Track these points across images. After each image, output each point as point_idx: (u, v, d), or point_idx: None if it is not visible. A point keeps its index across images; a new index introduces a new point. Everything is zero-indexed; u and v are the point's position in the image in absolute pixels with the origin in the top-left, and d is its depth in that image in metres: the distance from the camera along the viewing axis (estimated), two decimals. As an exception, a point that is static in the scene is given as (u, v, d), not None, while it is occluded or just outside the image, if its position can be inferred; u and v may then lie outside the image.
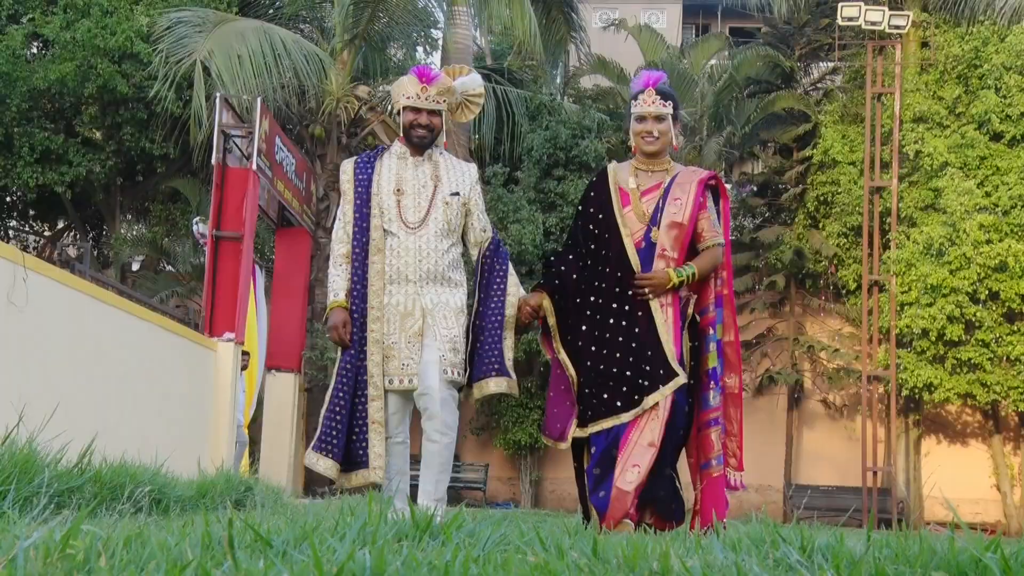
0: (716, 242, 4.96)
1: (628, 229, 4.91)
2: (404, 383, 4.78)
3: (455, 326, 4.80)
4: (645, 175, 5.02)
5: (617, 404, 4.71)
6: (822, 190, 21.28)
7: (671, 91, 5.08)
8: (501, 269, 4.98)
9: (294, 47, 16.61)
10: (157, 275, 21.41)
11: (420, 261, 4.83)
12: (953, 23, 20.48)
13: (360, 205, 4.91)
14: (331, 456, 4.76)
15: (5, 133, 17.85)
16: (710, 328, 4.95)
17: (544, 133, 20.08)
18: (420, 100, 4.92)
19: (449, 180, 4.98)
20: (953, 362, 18.87)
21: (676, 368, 4.69)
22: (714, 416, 4.89)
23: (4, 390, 6.56)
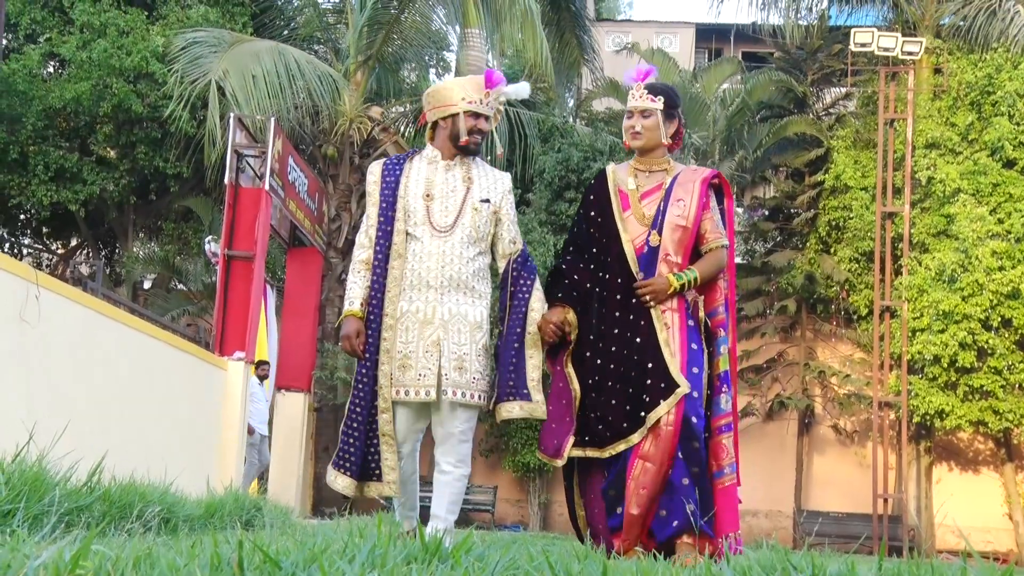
0: (720, 244, 4.77)
1: (628, 234, 4.73)
2: (420, 395, 4.54)
3: (467, 343, 4.59)
4: (644, 176, 4.85)
5: (624, 425, 4.51)
6: (834, 215, 21.26)
7: (664, 86, 4.89)
8: (526, 283, 4.75)
9: (308, 67, 16.67)
10: (169, 293, 21.45)
11: (443, 267, 4.62)
12: (966, 50, 20.49)
13: (385, 208, 4.74)
14: (348, 473, 4.62)
15: (20, 151, 17.95)
16: (720, 330, 4.79)
17: (556, 155, 20.10)
18: (482, 105, 4.77)
19: (481, 186, 4.80)
20: (965, 389, 18.79)
21: (678, 378, 4.47)
22: (726, 422, 4.69)
23: (15, 407, 6.56)
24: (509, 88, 4.88)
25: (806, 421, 21.91)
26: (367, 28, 17.37)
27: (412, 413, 4.63)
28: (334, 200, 18.16)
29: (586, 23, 21.56)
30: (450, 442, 4.58)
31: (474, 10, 17.26)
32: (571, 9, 20.75)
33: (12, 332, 6.64)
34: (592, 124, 22.74)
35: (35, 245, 23.48)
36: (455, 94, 4.77)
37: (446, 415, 4.58)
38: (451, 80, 4.96)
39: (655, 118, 4.78)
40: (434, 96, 4.86)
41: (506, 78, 4.95)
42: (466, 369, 4.56)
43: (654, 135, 4.78)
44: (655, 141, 4.79)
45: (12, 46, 18.21)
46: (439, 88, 4.88)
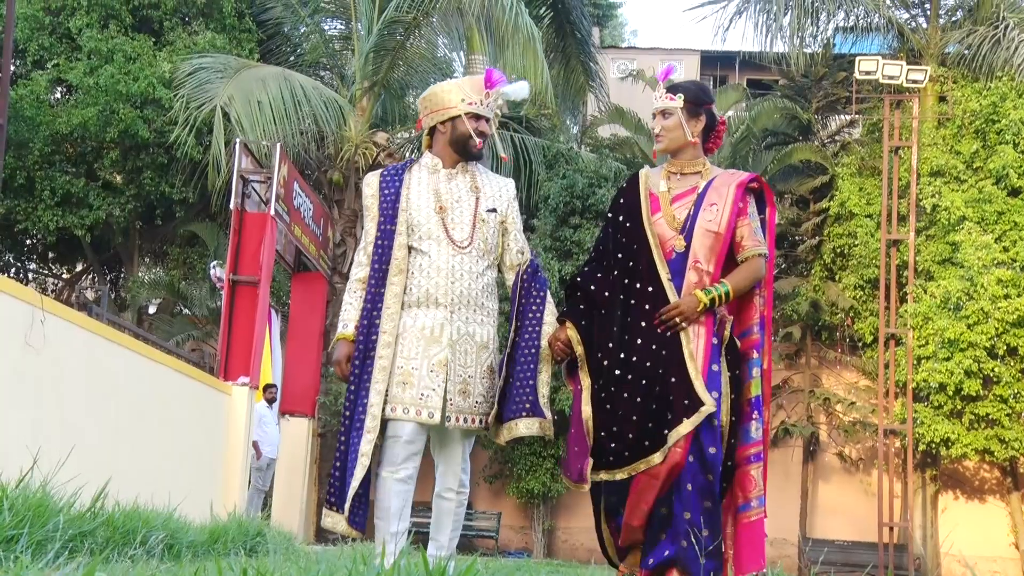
0: (757, 252, 4.39)
1: (657, 239, 4.38)
2: (422, 415, 4.27)
3: (472, 364, 4.36)
4: (677, 178, 4.50)
5: (645, 444, 4.19)
6: (839, 242, 21.26)
7: (686, 83, 4.58)
8: (539, 296, 4.50)
9: (314, 93, 16.74)
10: (173, 318, 21.46)
11: (453, 283, 4.36)
12: (971, 78, 20.53)
13: (384, 222, 4.44)
14: (336, 509, 4.35)
15: (27, 177, 18.00)
16: (753, 351, 4.41)
17: (561, 182, 20.14)
18: (483, 107, 4.50)
19: (487, 195, 4.53)
20: (971, 417, 18.74)
21: (703, 395, 4.15)
22: (755, 451, 4.34)
23: (20, 431, 6.56)
24: (509, 88, 4.62)
25: (811, 448, 21.83)
26: (373, 54, 17.45)
27: (414, 431, 4.32)
28: (339, 225, 18.19)
29: (591, 50, 21.63)
30: (452, 469, 4.41)
31: (478, 37, 17.35)
32: (576, 36, 20.84)
33: (17, 356, 6.64)
34: (597, 150, 22.79)
35: (41, 270, 23.51)
36: (454, 96, 4.50)
37: (449, 441, 4.40)
38: (449, 82, 4.64)
39: (675, 117, 4.46)
40: (431, 99, 4.57)
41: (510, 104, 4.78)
42: (470, 393, 4.35)
43: (676, 135, 4.46)
44: (678, 141, 4.46)
45: (20, 72, 18.29)
46: (436, 90, 4.59)
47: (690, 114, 4.47)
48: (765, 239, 4.46)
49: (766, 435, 4.42)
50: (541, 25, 19.94)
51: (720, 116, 4.62)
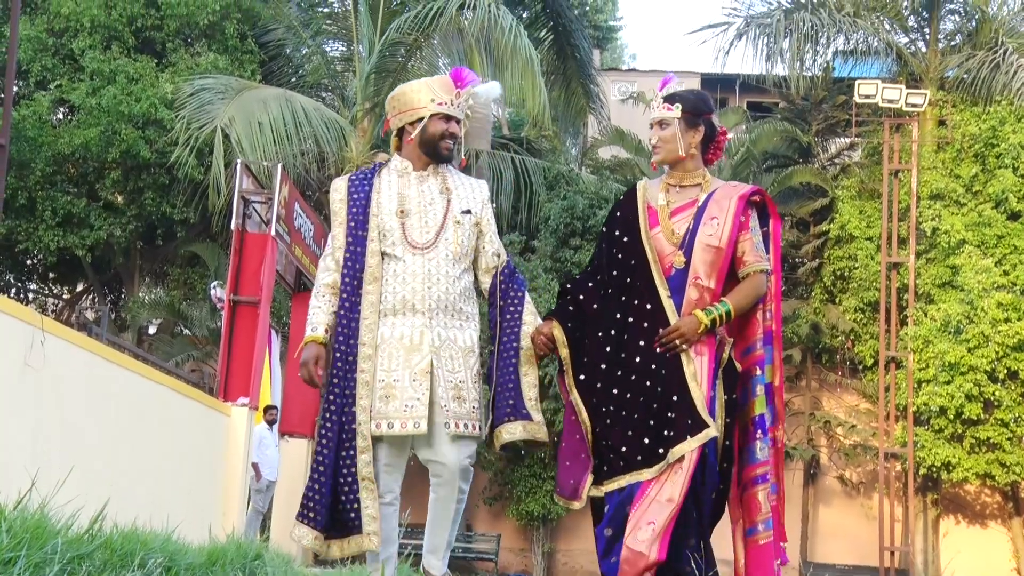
0: (759, 268, 4.25)
1: (656, 254, 4.23)
2: (407, 427, 4.09)
3: (461, 369, 4.20)
4: (676, 191, 4.34)
5: (638, 458, 4.04)
6: (839, 265, 21.29)
7: (684, 93, 4.41)
8: (516, 296, 4.35)
9: (315, 114, 16.79)
10: (173, 339, 21.45)
11: (429, 288, 4.20)
12: (970, 102, 20.60)
13: (354, 227, 4.28)
14: (313, 525, 4.15)
15: (29, 197, 18.03)
16: (757, 368, 4.25)
17: (561, 203, 20.18)
18: (453, 107, 4.33)
19: (460, 196, 4.36)
20: (971, 441, 18.71)
21: (706, 418, 3.99)
22: (762, 472, 4.17)
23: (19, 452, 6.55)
24: (480, 88, 4.42)
25: (812, 472, 21.80)
26: (374, 75, 17.50)
27: (394, 449, 4.19)
28: (340, 246, 18.20)
29: (592, 72, 21.70)
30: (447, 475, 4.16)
31: (478, 58, 17.40)
32: (576, 58, 20.90)
33: (17, 377, 6.63)
34: (598, 172, 22.83)
35: (41, 290, 23.52)
36: (423, 96, 4.32)
37: (443, 447, 4.16)
38: (418, 81, 4.43)
39: (672, 128, 4.31)
40: (399, 99, 4.39)
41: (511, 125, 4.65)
42: (464, 399, 4.17)
43: (674, 146, 4.31)
44: (675, 153, 4.31)
45: (23, 93, 18.35)
46: (404, 90, 4.41)
47: (688, 124, 4.33)
48: (768, 253, 4.33)
49: (780, 454, 4.28)
50: (542, 48, 20.02)
51: (721, 127, 4.50)
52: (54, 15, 18.09)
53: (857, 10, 21.23)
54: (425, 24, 16.58)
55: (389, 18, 17.43)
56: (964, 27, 22.01)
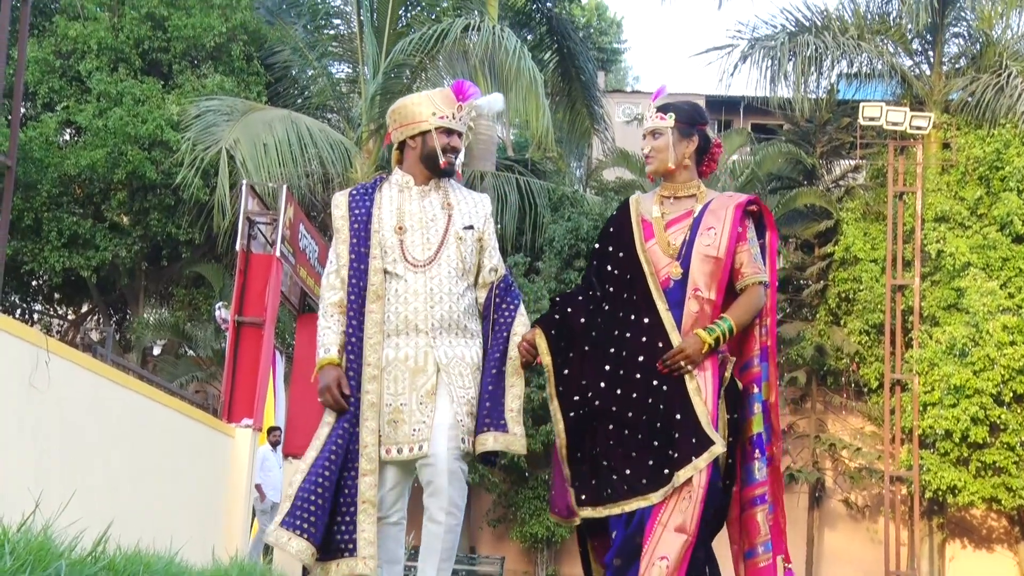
0: (757, 280, 4.13)
1: (652, 267, 4.13)
2: (415, 451, 4.01)
3: (472, 386, 4.10)
4: (670, 203, 4.25)
5: (643, 481, 3.90)
6: (843, 287, 21.27)
7: (678, 103, 4.34)
8: (509, 308, 4.24)
9: (320, 135, 16.83)
10: (178, 359, 21.45)
11: (432, 307, 4.10)
12: (974, 125, 20.63)
13: (357, 244, 4.18)
14: (307, 537, 3.92)
15: (35, 218, 18.05)
16: (754, 386, 4.15)
17: (566, 224, 20.19)
18: (455, 120, 4.23)
19: (462, 212, 4.26)
20: (977, 465, 18.65)
21: (712, 435, 3.86)
22: (760, 493, 4.07)
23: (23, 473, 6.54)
24: (482, 100, 4.33)
25: (817, 495, 21.73)
26: (379, 97, 17.55)
27: (401, 471, 4.12)
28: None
29: (597, 94, 21.77)
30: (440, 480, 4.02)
31: (482, 80, 17.45)
32: (581, 80, 20.97)
33: (21, 398, 6.63)
34: (602, 193, 22.87)
35: (46, 311, 23.53)
36: (424, 109, 4.22)
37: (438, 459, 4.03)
38: (419, 94, 4.35)
39: (665, 138, 4.21)
40: (400, 112, 4.30)
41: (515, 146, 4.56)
42: (475, 414, 4.09)
43: (666, 156, 4.21)
44: (667, 163, 4.21)
45: (29, 114, 18.41)
46: (406, 103, 4.31)
47: (682, 135, 4.24)
48: (765, 265, 4.22)
49: (777, 471, 4.15)
50: (546, 70, 20.09)
51: (715, 139, 4.41)
52: (61, 37, 18.17)
53: (861, 33, 21.30)
54: (429, 46, 16.64)
55: (394, 40, 17.51)
56: (968, 50, 22.08)
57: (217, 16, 18.52)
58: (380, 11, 18.12)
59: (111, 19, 18.49)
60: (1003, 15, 21.49)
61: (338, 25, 20.50)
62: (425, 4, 19.25)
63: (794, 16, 21.94)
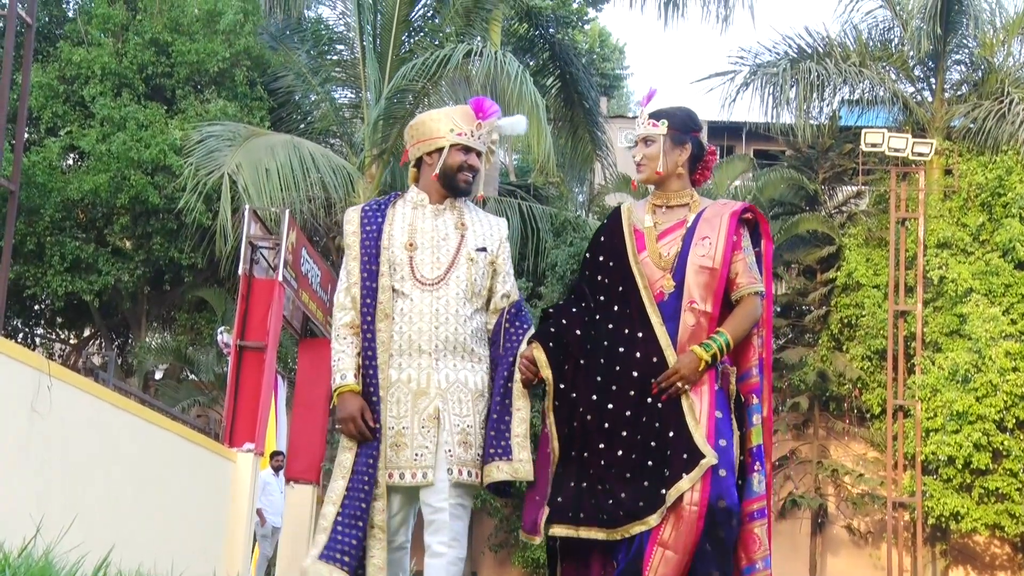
0: (753, 290, 4.02)
1: (645, 280, 4.00)
2: (418, 478, 3.94)
3: (470, 413, 3.99)
4: (663, 212, 4.13)
5: (640, 504, 3.78)
6: (846, 312, 21.26)
7: (670, 109, 4.21)
8: (518, 332, 4.12)
9: (322, 160, 16.86)
10: (180, 384, 21.44)
11: (437, 328, 4.00)
12: (976, 152, 20.67)
13: (367, 262, 4.08)
14: (347, 570, 3.89)
15: (37, 242, 18.08)
16: (754, 397, 4.05)
17: (568, 249, 20.22)
18: (473, 138, 4.12)
19: (476, 233, 4.16)
20: (980, 491, 18.60)
21: (703, 448, 3.75)
22: (758, 507, 3.96)
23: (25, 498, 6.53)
24: (504, 121, 4.23)
25: (819, 521, 21.65)
26: (382, 122, 17.60)
27: (405, 498, 4.03)
28: (347, 292, 18.21)
29: (599, 120, 21.80)
30: (441, 517, 3.96)
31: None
32: (584, 106, 21.01)
33: (23, 422, 6.63)
34: (605, 218, 22.90)
35: (48, 335, 23.54)
36: (442, 125, 4.13)
37: (440, 491, 3.97)
38: (438, 110, 4.28)
39: (657, 145, 4.10)
40: (418, 128, 4.21)
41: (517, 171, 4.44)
42: (471, 444, 3.97)
43: (658, 165, 4.09)
44: (661, 170, 4.10)
45: (33, 139, 18.46)
46: (424, 119, 4.23)
47: (674, 142, 4.12)
48: (761, 275, 4.10)
49: (769, 489, 4.04)
50: (549, 96, 20.13)
51: (709, 146, 4.29)
52: (65, 63, 18.25)
53: (863, 60, 21.36)
54: (432, 71, 16.67)
55: (397, 65, 17.56)
56: (970, 77, 22.15)
57: (221, 42, 18.61)
58: (383, 37, 18.18)
59: (115, 45, 18.57)
60: (1004, 42, 21.58)
61: (341, 51, 20.57)
62: (428, 30, 19.31)
63: (796, 43, 22.01)
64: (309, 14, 21.28)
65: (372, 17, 18.43)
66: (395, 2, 17.79)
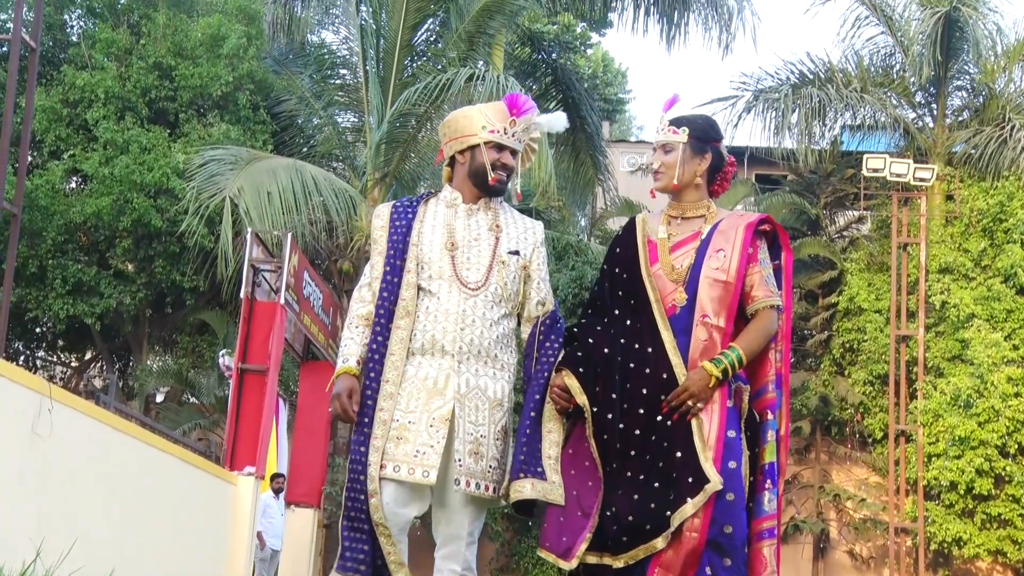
0: (769, 303, 3.89)
1: (657, 292, 3.89)
2: (415, 474, 3.76)
3: (485, 423, 3.86)
4: (677, 223, 4.02)
5: (647, 528, 3.66)
6: (848, 337, 21.26)
7: (692, 116, 4.08)
8: (552, 347, 3.96)
9: (324, 184, 16.89)
10: (181, 407, 21.43)
11: (463, 329, 3.88)
12: (978, 178, 20.71)
13: (392, 256, 3.97)
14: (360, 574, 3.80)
15: (40, 265, 18.10)
16: (768, 413, 3.90)
17: (570, 273, 20.25)
18: (507, 136, 4.00)
19: (509, 235, 4.05)
20: (983, 517, 18.54)
21: (709, 472, 3.64)
22: (769, 526, 3.84)
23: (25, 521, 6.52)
24: (542, 118, 4.12)
25: (821, 545, 21.58)
26: (384, 146, 17.66)
27: (400, 496, 3.83)
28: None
29: (601, 144, 21.86)
30: (456, 544, 3.87)
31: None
32: (586, 130, 21.07)
33: (24, 445, 6.63)
34: (606, 242, 22.92)
35: (49, 358, 23.54)
36: (475, 122, 4.01)
37: (455, 510, 3.88)
38: (472, 107, 4.13)
39: (676, 153, 3.99)
40: (451, 126, 4.10)
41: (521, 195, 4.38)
42: (482, 455, 3.84)
43: (677, 174, 3.99)
44: (680, 179, 4.00)
45: (36, 162, 18.52)
46: (457, 116, 4.11)
47: (695, 151, 4.01)
48: (779, 288, 3.97)
49: (780, 508, 3.91)
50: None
51: (729, 157, 4.16)
52: (69, 86, 18.32)
53: (864, 86, 21.42)
54: (434, 95, 16.73)
55: (399, 90, 17.62)
56: (971, 103, 22.20)
57: (224, 66, 18.68)
58: (386, 61, 18.26)
59: (118, 69, 18.64)
60: (1005, 69, 21.62)
61: (344, 75, 20.65)
62: (430, 54, 19.39)
63: (798, 68, 22.07)
64: (312, 39, 21.38)
65: (375, 42, 18.52)
66: (398, 27, 17.89)
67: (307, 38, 20.88)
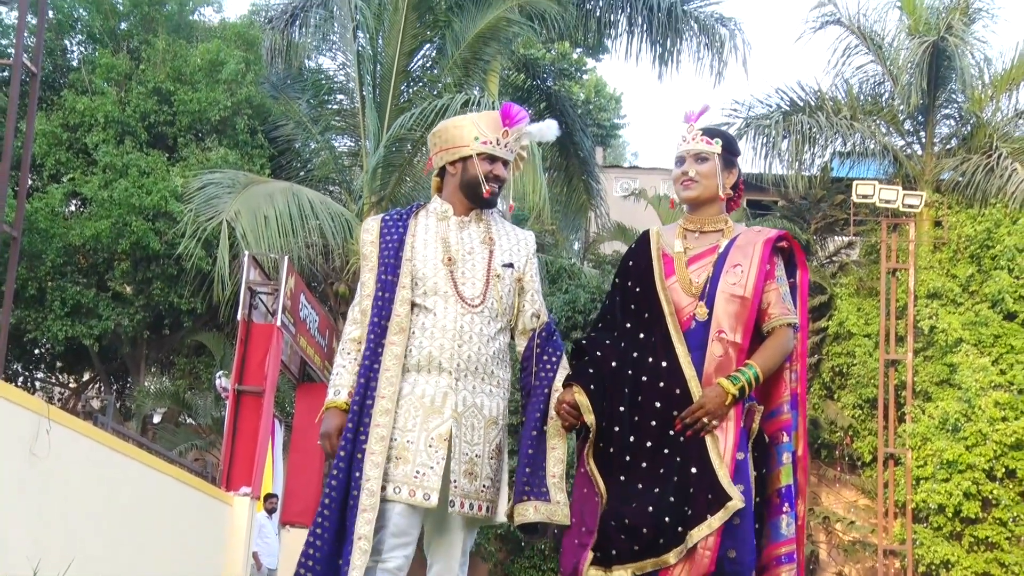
0: (786, 321, 3.79)
1: (672, 306, 3.77)
2: (416, 496, 3.65)
3: (480, 441, 3.76)
4: (694, 237, 3.91)
5: (660, 541, 3.56)
6: (837, 361, 21.41)
7: (719, 130, 4.02)
8: (551, 361, 3.88)
9: (321, 207, 17.06)
10: (178, 428, 21.54)
11: (460, 346, 3.76)
12: (966, 204, 20.91)
13: (384, 271, 3.85)
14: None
15: (39, 287, 18.24)
16: (783, 434, 3.78)
17: (563, 296, 20.39)
18: (499, 147, 3.89)
19: (502, 248, 3.93)
20: (970, 540, 18.66)
21: (729, 489, 3.51)
22: (787, 551, 3.72)
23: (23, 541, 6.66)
24: (534, 127, 3.99)
25: (811, 567, 21.65)
26: (380, 170, 17.83)
27: (404, 518, 3.72)
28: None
29: (594, 169, 22.06)
30: (449, 563, 3.82)
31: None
32: (579, 156, 21.28)
33: (22, 466, 6.76)
34: (600, 266, 23.11)
35: (48, 379, 23.64)
36: (467, 133, 3.88)
37: (448, 530, 3.82)
38: (463, 116, 4.01)
39: (712, 163, 3.87)
40: (442, 135, 3.96)
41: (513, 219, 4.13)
42: (476, 475, 3.74)
43: (711, 183, 3.87)
44: (712, 191, 3.88)
45: (36, 185, 18.70)
46: (448, 125, 3.97)
47: (725, 164, 3.93)
48: (796, 306, 3.87)
49: (800, 531, 3.79)
50: (545, 145, 20.40)
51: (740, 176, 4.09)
52: (69, 111, 18.53)
53: (854, 113, 21.66)
54: (430, 120, 16.92)
55: (395, 115, 17.82)
56: (959, 131, 22.43)
57: (222, 91, 18.91)
58: (382, 87, 18.47)
59: (118, 93, 18.87)
60: (993, 97, 21.87)
61: (341, 100, 20.86)
62: (426, 80, 19.62)
63: (788, 96, 22.30)
64: (310, 64, 21.58)
65: (372, 67, 18.73)
66: (395, 53, 18.11)
67: (305, 64, 21.08)
